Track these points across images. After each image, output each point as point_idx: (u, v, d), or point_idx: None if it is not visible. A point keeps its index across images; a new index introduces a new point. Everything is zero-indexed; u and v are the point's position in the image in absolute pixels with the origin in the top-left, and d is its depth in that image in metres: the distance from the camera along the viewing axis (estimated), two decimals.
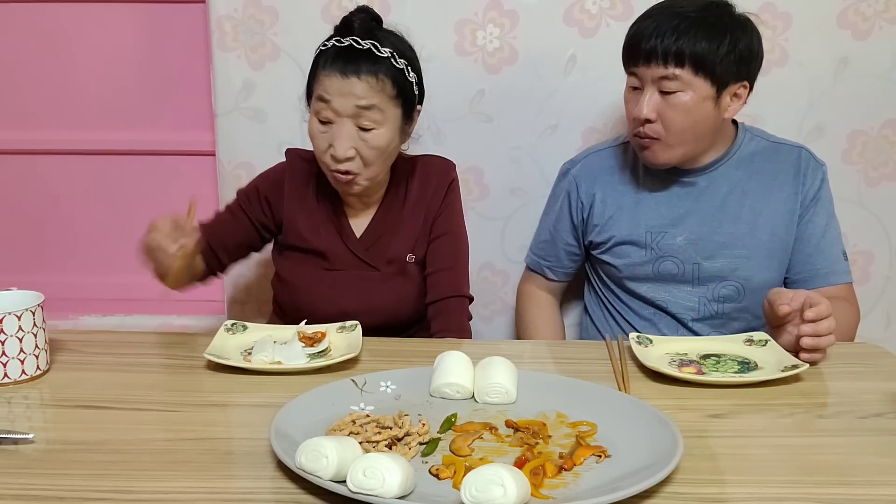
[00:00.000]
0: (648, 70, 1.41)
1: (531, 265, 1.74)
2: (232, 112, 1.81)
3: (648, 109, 1.42)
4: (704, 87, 1.40)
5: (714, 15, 1.40)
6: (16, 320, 1.10)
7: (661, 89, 1.41)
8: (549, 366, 1.26)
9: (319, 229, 1.48)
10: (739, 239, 1.51)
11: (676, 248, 1.53)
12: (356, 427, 0.95)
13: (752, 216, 1.51)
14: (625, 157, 1.60)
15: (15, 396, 1.08)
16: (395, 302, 1.48)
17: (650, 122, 1.43)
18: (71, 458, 0.92)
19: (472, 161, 1.83)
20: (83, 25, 1.93)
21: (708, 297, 1.54)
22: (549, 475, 0.86)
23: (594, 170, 1.61)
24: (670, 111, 1.42)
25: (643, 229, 1.54)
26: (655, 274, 1.54)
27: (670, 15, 1.40)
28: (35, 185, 2.02)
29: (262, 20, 1.76)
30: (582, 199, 1.61)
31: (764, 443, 0.97)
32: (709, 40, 1.37)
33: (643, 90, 1.44)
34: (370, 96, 1.35)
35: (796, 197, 1.51)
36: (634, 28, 1.45)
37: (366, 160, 1.38)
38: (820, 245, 1.52)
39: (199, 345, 1.24)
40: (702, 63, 1.38)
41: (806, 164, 1.53)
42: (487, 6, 1.74)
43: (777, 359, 1.20)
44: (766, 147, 1.55)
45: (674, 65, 1.39)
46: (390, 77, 1.37)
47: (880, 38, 1.74)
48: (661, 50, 1.39)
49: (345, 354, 1.18)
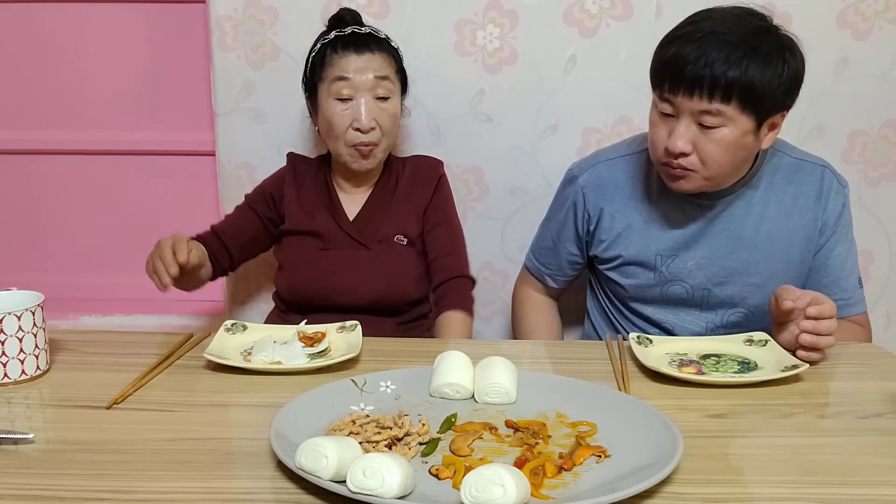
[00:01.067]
0: (689, 102, 1.28)
1: (531, 269, 1.69)
2: (232, 112, 1.81)
3: (684, 143, 1.30)
4: (747, 123, 1.28)
5: (766, 44, 1.26)
6: (16, 320, 1.10)
7: (700, 122, 1.29)
8: (549, 366, 1.26)
9: (315, 213, 1.61)
10: (753, 266, 1.44)
11: (686, 273, 1.46)
12: (356, 427, 0.95)
13: (768, 243, 1.43)
14: (636, 170, 1.50)
15: (15, 396, 1.08)
16: (386, 279, 1.57)
17: (685, 156, 1.32)
18: (71, 458, 0.92)
19: (472, 161, 1.83)
20: (83, 25, 1.93)
21: (716, 322, 1.48)
22: (548, 475, 0.86)
23: (603, 182, 1.51)
24: (709, 145, 1.30)
25: (653, 252, 1.46)
26: (663, 297, 1.48)
27: (717, 43, 1.25)
28: (35, 185, 2.02)
29: (262, 20, 1.76)
30: (589, 211, 1.52)
31: (764, 443, 0.97)
32: (761, 75, 1.25)
33: (677, 119, 1.31)
34: (384, 68, 1.54)
35: (816, 223, 1.44)
36: (674, 50, 1.29)
37: (384, 129, 1.54)
38: (839, 278, 1.46)
39: (199, 345, 1.24)
40: (751, 100, 1.26)
41: (829, 187, 1.44)
42: (487, 6, 1.74)
43: (777, 359, 1.20)
44: (789, 164, 1.45)
45: (720, 100, 1.26)
46: (391, 54, 1.57)
47: (880, 38, 1.74)
48: (707, 82, 1.25)
49: (345, 354, 1.18)
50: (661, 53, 1.32)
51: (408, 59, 1.63)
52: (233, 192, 1.83)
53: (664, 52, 1.31)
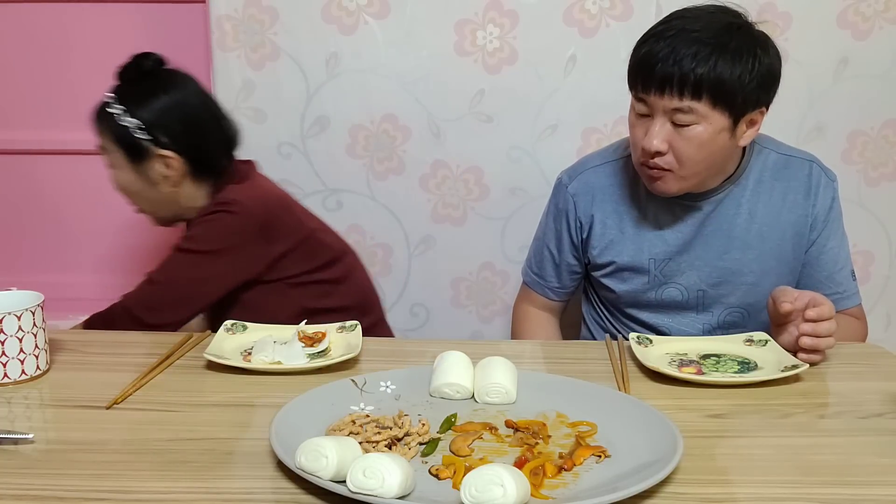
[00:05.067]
0: (661, 100, 1.28)
1: (530, 284, 1.63)
2: (232, 112, 1.80)
3: (659, 141, 1.30)
4: (721, 120, 1.28)
5: (735, 40, 1.26)
6: (16, 320, 1.10)
7: (674, 121, 1.29)
8: (549, 366, 1.26)
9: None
10: (747, 265, 1.43)
11: (681, 275, 1.45)
12: (356, 427, 0.95)
13: (760, 241, 1.43)
14: (624, 175, 1.48)
15: (15, 396, 1.08)
16: None
17: (661, 154, 1.32)
18: (71, 458, 0.92)
19: (472, 161, 1.83)
20: (83, 25, 1.93)
21: (712, 323, 1.47)
22: (548, 475, 0.86)
23: (592, 189, 1.50)
24: (683, 143, 1.30)
25: (646, 256, 1.45)
26: (658, 301, 1.47)
27: (687, 41, 1.26)
28: (35, 185, 2.02)
29: (262, 20, 1.76)
30: (580, 218, 1.51)
31: (764, 443, 0.97)
32: (730, 71, 1.25)
33: (653, 118, 1.31)
34: (99, 138, 1.50)
35: (806, 219, 1.43)
36: (646, 49, 1.30)
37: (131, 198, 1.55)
38: (832, 272, 1.45)
39: (199, 345, 1.24)
40: (721, 96, 1.26)
41: (817, 180, 1.44)
42: (487, 6, 1.74)
43: (777, 359, 1.20)
44: (776, 161, 1.45)
45: (690, 97, 1.26)
46: (104, 121, 1.48)
47: (880, 38, 1.74)
48: (676, 80, 1.25)
49: (345, 354, 1.18)
50: (635, 53, 1.33)
51: (408, 59, 1.63)
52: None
53: (638, 51, 1.32)
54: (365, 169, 1.85)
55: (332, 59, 1.77)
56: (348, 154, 1.84)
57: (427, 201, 1.87)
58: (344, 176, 1.85)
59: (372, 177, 1.85)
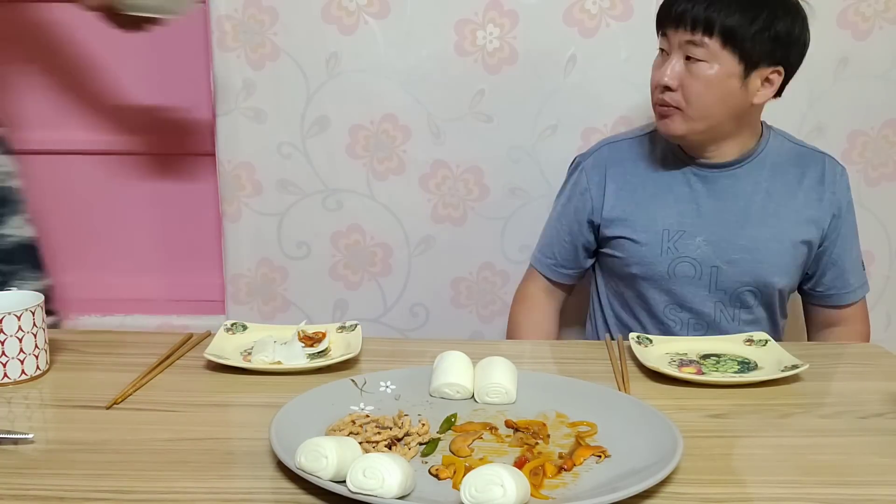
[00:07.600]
0: (676, 34, 1.37)
1: (539, 266, 1.65)
2: (232, 112, 1.81)
3: (670, 76, 1.37)
4: (731, 63, 1.35)
5: None
6: (16, 320, 1.10)
7: (688, 55, 1.36)
8: (549, 366, 1.26)
9: None
10: (763, 243, 1.46)
11: (694, 249, 1.47)
12: (356, 427, 0.95)
13: (776, 220, 1.46)
14: (640, 149, 1.54)
15: (15, 396, 1.08)
16: None
17: (671, 91, 1.39)
18: (71, 458, 0.92)
19: (472, 161, 1.83)
20: (83, 25, 1.92)
21: (724, 301, 1.49)
22: (548, 475, 0.86)
23: (607, 161, 1.55)
24: (692, 81, 1.36)
25: (660, 227, 1.48)
26: (670, 275, 1.49)
27: None
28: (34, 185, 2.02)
29: (262, 20, 1.76)
30: (592, 191, 1.55)
31: (764, 443, 0.97)
32: (742, 14, 1.32)
33: (670, 56, 1.39)
34: None
35: (821, 203, 1.48)
36: None
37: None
38: (853, 264, 1.53)
39: (199, 345, 1.24)
40: (731, 36, 1.33)
41: (832, 173, 1.49)
42: (487, 6, 1.74)
43: (777, 359, 1.20)
44: (791, 149, 1.51)
45: (701, 32, 1.34)
46: None
47: (880, 38, 1.74)
48: (690, 15, 1.34)
49: (345, 354, 1.18)
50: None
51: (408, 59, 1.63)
52: (233, 192, 1.83)
53: None
54: (365, 169, 1.85)
55: (332, 59, 1.77)
56: (348, 154, 1.84)
57: (427, 201, 1.87)
58: (344, 176, 1.85)
59: (372, 177, 1.85)
